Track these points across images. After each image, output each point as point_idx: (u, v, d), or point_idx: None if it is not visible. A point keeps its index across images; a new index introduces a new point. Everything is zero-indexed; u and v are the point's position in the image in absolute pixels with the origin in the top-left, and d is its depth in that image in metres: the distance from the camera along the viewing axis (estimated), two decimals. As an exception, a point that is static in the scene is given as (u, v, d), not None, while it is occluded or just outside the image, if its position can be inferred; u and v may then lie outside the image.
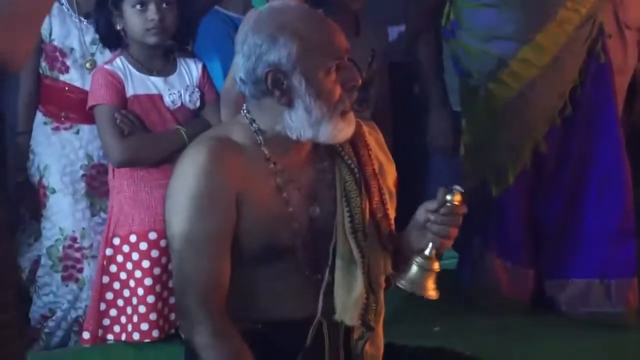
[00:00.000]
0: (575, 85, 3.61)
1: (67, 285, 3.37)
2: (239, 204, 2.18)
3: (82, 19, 3.36)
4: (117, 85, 3.14)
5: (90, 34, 3.35)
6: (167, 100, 3.20)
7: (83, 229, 3.36)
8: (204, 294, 2.16)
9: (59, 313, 3.37)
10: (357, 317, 2.23)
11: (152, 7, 3.13)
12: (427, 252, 2.20)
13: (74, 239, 3.36)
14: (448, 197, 2.18)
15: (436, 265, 2.20)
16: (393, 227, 2.34)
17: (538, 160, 3.67)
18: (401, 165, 2.49)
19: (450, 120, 3.78)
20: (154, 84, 3.20)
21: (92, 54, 3.37)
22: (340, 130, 2.21)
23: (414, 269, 2.19)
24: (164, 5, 3.16)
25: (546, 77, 3.57)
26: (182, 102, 3.22)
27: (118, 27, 3.18)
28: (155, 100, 3.20)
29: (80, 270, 3.37)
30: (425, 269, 2.19)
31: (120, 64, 3.19)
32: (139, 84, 3.18)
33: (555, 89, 3.60)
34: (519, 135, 3.64)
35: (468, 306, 3.68)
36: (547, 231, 3.72)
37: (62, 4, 3.37)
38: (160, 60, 3.24)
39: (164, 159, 3.14)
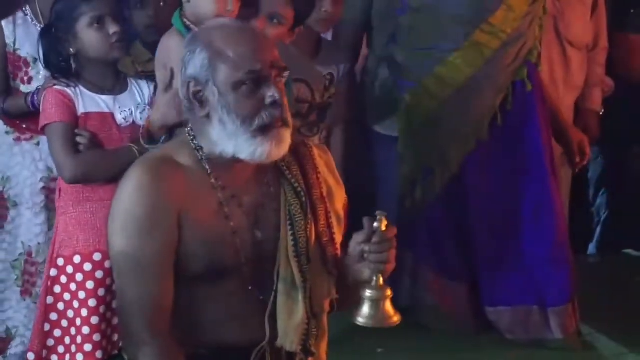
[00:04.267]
0: (496, 112, 3.62)
1: (24, 300, 3.37)
2: (181, 223, 2.16)
3: None
4: (67, 103, 3.13)
5: None
6: (119, 117, 3.20)
7: (39, 244, 3.37)
8: (148, 316, 2.14)
9: (17, 339, 3.35)
10: (298, 343, 2.21)
11: (109, 21, 3.13)
12: (374, 282, 2.19)
13: (30, 254, 3.35)
14: (375, 225, 2.18)
15: (388, 292, 2.19)
16: (338, 251, 2.33)
17: (464, 182, 3.68)
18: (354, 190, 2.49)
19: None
20: (104, 102, 3.19)
21: None
22: (259, 147, 2.16)
23: (368, 304, 2.17)
24: (119, 18, 3.18)
25: (461, 98, 3.57)
26: (133, 120, 3.21)
27: (72, 51, 3.16)
28: (106, 117, 3.19)
29: (34, 284, 3.38)
30: (378, 300, 2.17)
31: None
32: (90, 102, 3.17)
33: (470, 112, 3.61)
34: (434, 153, 3.65)
35: (411, 326, 3.69)
36: (483, 256, 3.73)
37: (27, 14, 3.37)
38: (111, 79, 3.24)
39: (115, 176, 3.12)
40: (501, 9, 3.53)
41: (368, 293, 2.18)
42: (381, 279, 2.19)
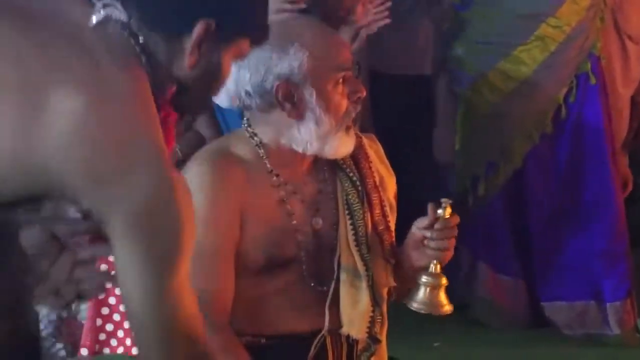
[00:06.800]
0: (560, 105, 3.59)
1: None
2: (242, 217, 2.15)
3: None
4: None
5: None
6: None
7: None
8: (209, 310, 2.11)
9: None
10: (364, 330, 2.20)
11: None
12: (431, 269, 2.18)
13: None
14: (439, 212, 2.16)
15: (444, 280, 2.18)
16: (394, 239, 2.32)
17: (524, 177, 3.65)
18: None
19: (452, 139, 3.75)
20: None
21: None
22: (344, 145, 2.19)
23: (423, 289, 2.17)
24: None
25: (524, 92, 3.56)
26: None
27: None
28: None
29: None
30: (434, 287, 2.17)
31: None
32: None
33: (533, 106, 3.59)
34: (497, 147, 3.62)
35: (467, 322, 3.66)
36: (540, 252, 3.70)
37: None
38: None
39: None
40: (567, 2, 3.53)
41: (424, 279, 2.17)
42: (439, 266, 2.18)
